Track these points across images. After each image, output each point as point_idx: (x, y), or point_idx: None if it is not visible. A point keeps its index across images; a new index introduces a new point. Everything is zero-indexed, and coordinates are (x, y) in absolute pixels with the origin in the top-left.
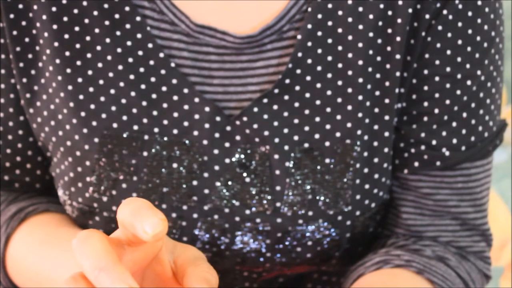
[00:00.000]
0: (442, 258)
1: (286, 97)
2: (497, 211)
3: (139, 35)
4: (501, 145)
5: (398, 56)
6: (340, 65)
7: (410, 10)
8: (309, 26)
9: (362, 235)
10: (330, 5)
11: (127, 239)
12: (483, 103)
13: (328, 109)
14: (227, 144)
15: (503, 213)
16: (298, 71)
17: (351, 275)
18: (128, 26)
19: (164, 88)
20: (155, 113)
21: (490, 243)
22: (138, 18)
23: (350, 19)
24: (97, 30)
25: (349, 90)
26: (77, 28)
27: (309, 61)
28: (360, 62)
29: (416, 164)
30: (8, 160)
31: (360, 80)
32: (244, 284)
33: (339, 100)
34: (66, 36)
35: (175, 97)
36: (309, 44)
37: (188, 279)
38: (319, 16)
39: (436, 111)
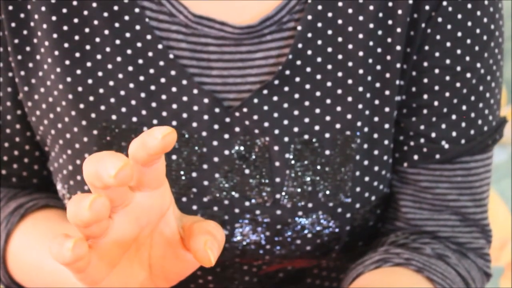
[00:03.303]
0: (441, 256)
1: (286, 89)
2: (497, 211)
3: (138, 27)
4: (501, 145)
5: (398, 48)
6: (340, 57)
7: (410, 1)
8: (309, 17)
9: (362, 228)
10: None
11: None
12: (483, 96)
13: (328, 101)
14: (226, 136)
15: (503, 213)
16: (298, 62)
17: (351, 274)
18: (127, 17)
19: (163, 80)
20: (154, 104)
21: (489, 239)
22: (137, 10)
23: (350, 10)
24: (96, 22)
25: (349, 81)
26: (76, 20)
27: (309, 52)
28: (361, 53)
29: (416, 157)
30: (5, 154)
31: (361, 71)
32: (244, 279)
33: (339, 91)
34: (65, 27)
35: (174, 89)
36: (309, 35)
37: (193, 232)
38: (319, 7)
39: (436, 103)
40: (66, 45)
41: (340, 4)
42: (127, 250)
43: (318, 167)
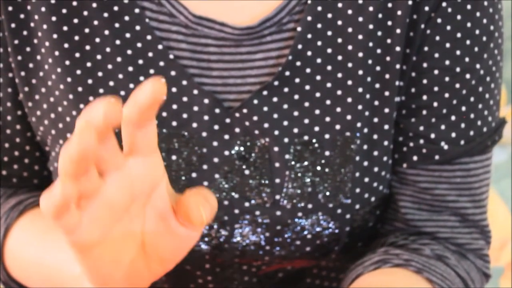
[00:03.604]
0: (441, 257)
1: (286, 90)
2: (497, 211)
3: (138, 27)
4: (501, 145)
5: (398, 49)
6: (340, 58)
7: (410, 2)
8: (309, 18)
9: (362, 229)
10: None
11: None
12: (482, 97)
13: (328, 102)
14: (226, 136)
15: (503, 213)
16: (298, 63)
17: (350, 275)
18: (127, 18)
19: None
20: None
21: (488, 240)
22: (137, 10)
23: (350, 11)
24: (96, 22)
25: (349, 82)
26: (76, 20)
27: (309, 53)
28: (360, 54)
29: (415, 158)
30: (6, 154)
31: (360, 72)
32: (243, 278)
33: (339, 92)
34: (65, 28)
35: (174, 89)
36: (309, 36)
37: (185, 195)
38: (319, 8)
39: (435, 104)
40: (66, 45)
41: (339, 5)
42: (120, 219)
43: (318, 168)
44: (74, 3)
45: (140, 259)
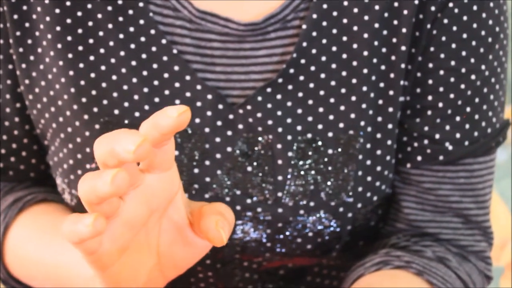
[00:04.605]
0: (442, 259)
1: (290, 87)
2: (497, 211)
3: (141, 21)
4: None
5: (403, 48)
6: (344, 56)
7: (416, 2)
8: (314, 15)
9: (363, 228)
10: None
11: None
12: (487, 98)
13: (332, 100)
14: (229, 133)
15: (503, 213)
16: (303, 61)
17: (351, 275)
18: (131, 12)
19: (166, 75)
20: (156, 100)
21: (491, 242)
22: (141, 4)
23: (355, 10)
24: (99, 16)
25: (354, 80)
26: (79, 13)
27: (314, 51)
28: (365, 53)
29: (419, 158)
30: (3, 147)
31: (365, 71)
32: (244, 275)
33: (343, 90)
34: (69, 20)
35: (177, 84)
36: (314, 34)
37: (203, 213)
38: (324, 6)
39: (440, 105)
40: (69, 38)
41: (345, 3)
42: (137, 233)
43: (321, 166)
44: None
45: (156, 268)
